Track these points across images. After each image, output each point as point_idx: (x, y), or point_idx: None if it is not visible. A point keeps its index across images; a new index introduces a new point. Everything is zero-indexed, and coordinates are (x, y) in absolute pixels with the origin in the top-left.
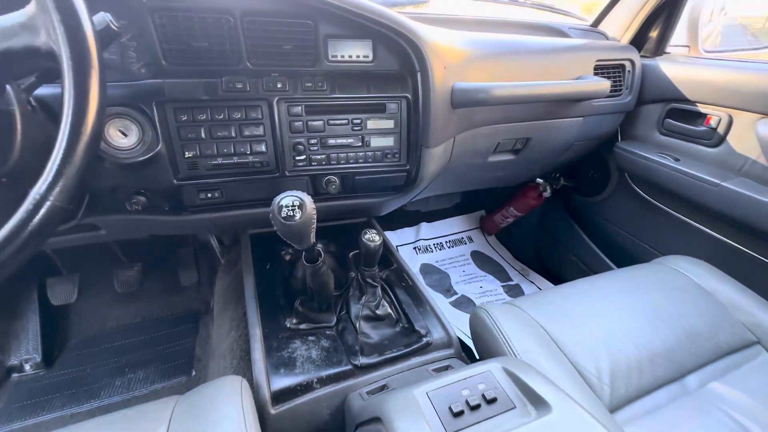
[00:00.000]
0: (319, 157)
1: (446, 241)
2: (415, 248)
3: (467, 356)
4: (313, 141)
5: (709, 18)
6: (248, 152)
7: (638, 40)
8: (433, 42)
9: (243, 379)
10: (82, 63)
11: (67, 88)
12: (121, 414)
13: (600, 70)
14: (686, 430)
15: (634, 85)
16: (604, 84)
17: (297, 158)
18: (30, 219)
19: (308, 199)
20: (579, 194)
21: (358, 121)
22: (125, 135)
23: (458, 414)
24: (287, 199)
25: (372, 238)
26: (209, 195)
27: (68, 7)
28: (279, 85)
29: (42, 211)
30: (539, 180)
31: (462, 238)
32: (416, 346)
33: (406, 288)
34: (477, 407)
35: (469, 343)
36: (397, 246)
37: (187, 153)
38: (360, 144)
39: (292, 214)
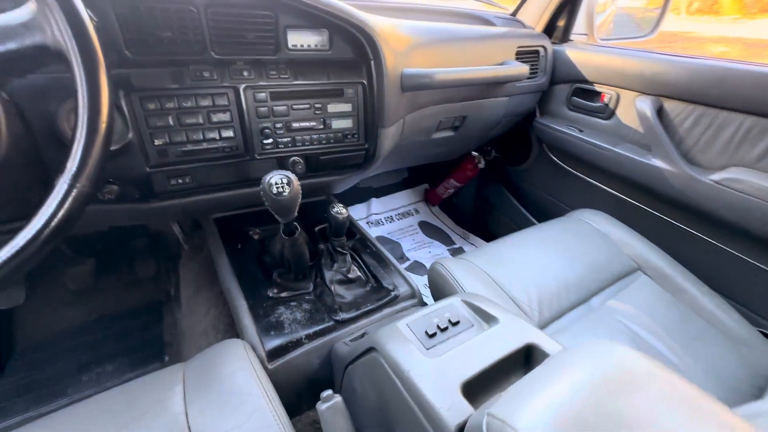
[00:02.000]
0: (285, 140)
1: (396, 214)
2: (367, 222)
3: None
4: (279, 125)
5: (603, 8)
6: (217, 138)
7: (549, 29)
8: (382, 31)
9: (242, 341)
10: (90, 59)
11: (79, 84)
12: (128, 385)
13: (521, 55)
14: (593, 336)
15: (547, 69)
16: (524, 68)
17: (264, 142)
18: (61, 205)
19: (294, 177)
20: (508, 164)
21: (320, 105)
22: None
23: (432, 335)
24: (276, 177)
25: (340, 211)
26: (180, 181)
27: (71, 5)
28: (245, 74)
29: (72, 197)
30: (474, 153)
31: (409, 210)
32: (387, 299)
33: (371, 253)
34: (445, 329)
35: (426, 296)
36: None
37: (156, 141)
38: (322, 126)
39: (282, 190)
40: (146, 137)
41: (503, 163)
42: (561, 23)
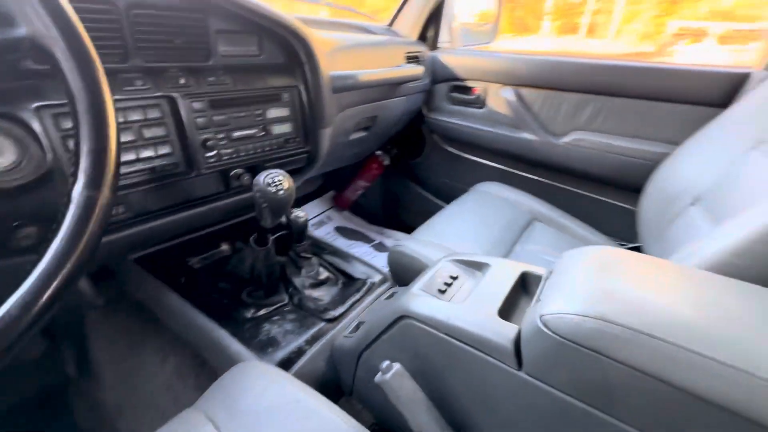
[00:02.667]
0: (228, 150)
1: (311, 224)
2: None
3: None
4: (220, 135)
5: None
6: (154, 155)
7: (423, 37)
8: (311, 34)
9: (249, 361)
10: (83, 54)
11: (74, 85)
12: None
13: (409, 60)
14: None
15: (429, 71)
16: (420, 69)
17: (207, 155)
18: (87, 218)
19: (285, 173)
20: (409, 158)
21: (259, 111)
22: None
23: (444, 291)
24: (270, 176)
25: (299, 214)
26: (112, 212)
27: None
28: (182, 81)
29: (99, 209)
30: (378, 152)
31: (322, 219)
32: (365, 288)
33: (330, 252)
34: (451, 284)
35: None
36: None
37: None
38: (263, 133)
39: (280, 187)
40: (65, 162)
41: (404, 158)
42: (431, 33)
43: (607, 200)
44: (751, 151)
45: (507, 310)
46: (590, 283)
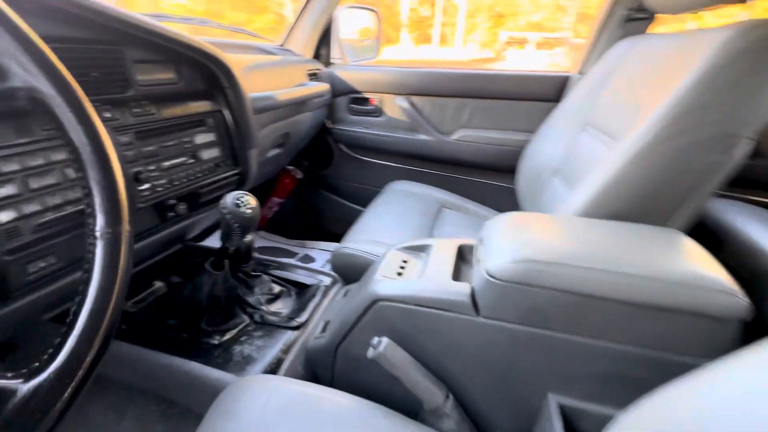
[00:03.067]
0: (161, 181)
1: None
2: None
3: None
4: (151, 167)
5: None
6: (84, 197)
7: (317, 55)
8: (231, 60)
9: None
10: (73, 96)
11: (70, 126)
12: None
13: (309, 77)
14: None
15: (330, 85)
16: (326, 86)
17: (141, 188)
18: (115, 260)
19: (250, 194)
20: (320, 169)
21: (187, 138)
22: None
23: (400, 273)
24: (237, 197)
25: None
26: (42, 264)
27: (26, 37)
28: (107, 115)
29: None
30: (289, 167)
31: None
32: (320, 293)
33: (275, 267)
34: (404, 267)
35: None
36: None
37: (1, 217)
38: (193, 160)
39: (248, 206)
40: None
41: (316, 170)
42: (324, 51)
43: (493, 182)
44: (581, 133)
45: (456, 276)
46: (513, 239)
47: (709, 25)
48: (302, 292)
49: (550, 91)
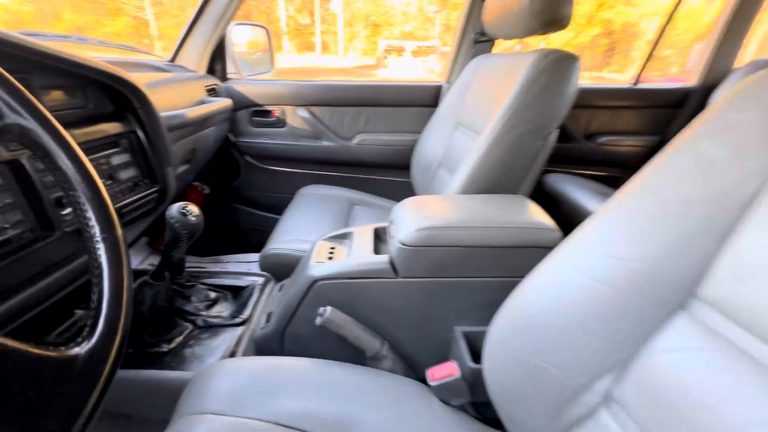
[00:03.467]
0: None
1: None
2: None
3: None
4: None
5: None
6: (8, 226)
7: (211, 71)
8: (140, 81)
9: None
10: (53, 128)
11: (56, 154)
12: None
13: (208, 93)
14: None
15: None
16: (229, 101)
17: (62, 213)
18: (119, 256)
19: (191, 203)
20: (228, 182)
21: (104, 160)
22: None
23: (331, 258)
24: (181, 207)
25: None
26: None
27: (8, 80)
28: None
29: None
30: (195, 183)
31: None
32: (257, 291)
33: (207, 276)
34: (332, 253)
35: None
36: None
37: None
38: (111, 181)
39: (193, 213)
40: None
41: (224, 184)
42: (218, 66)
43: (392, 178)
44: (454, 131)
45: (377, 251)
46: (415, 215)
47: (532, 46)
48: (238, 293)
49: (428, 98)
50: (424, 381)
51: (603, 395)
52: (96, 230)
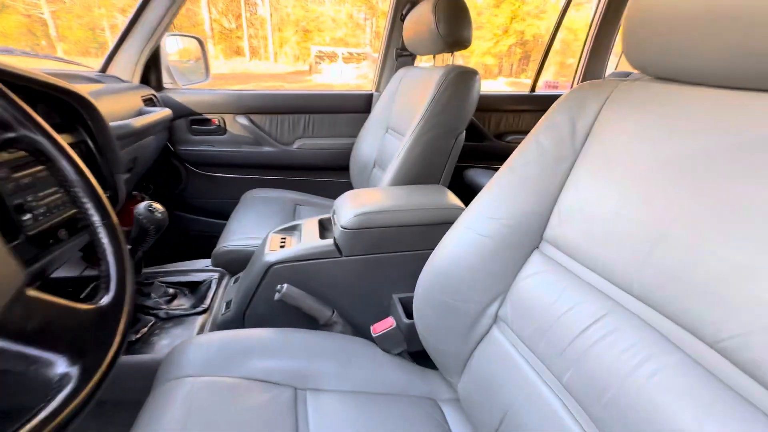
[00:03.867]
0: (41, 210)
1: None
2: None
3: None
4: (29, 197)
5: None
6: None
7: (145, 81)
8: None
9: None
10: (62, 148)
11: (58, 160)
12: None
13: (145, 103)
14: None
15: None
16: (168, 111)
17: (24, 219)
18: (116, 235)
19: (155, 202)
20: (170, 189)
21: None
22: None
23: (283, 246)
24: (147, 205)
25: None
26: None
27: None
28: None
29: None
30: (135, 192)
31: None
32: (213, 284)
33: (163, 275)
34: (284, 242)
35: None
36: None
37: None
38: (64, 190)
39: (158, 210)
40: None
41: (165, 192)
42: (153, 76)
43: (332, 179)
44: (385, 134)
45: (322, 237)
46: (353, 204)
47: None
48: (196, 288)
49: (361, 105)
50: (370, 340)
51: (493, 317)
52: (96, 218)
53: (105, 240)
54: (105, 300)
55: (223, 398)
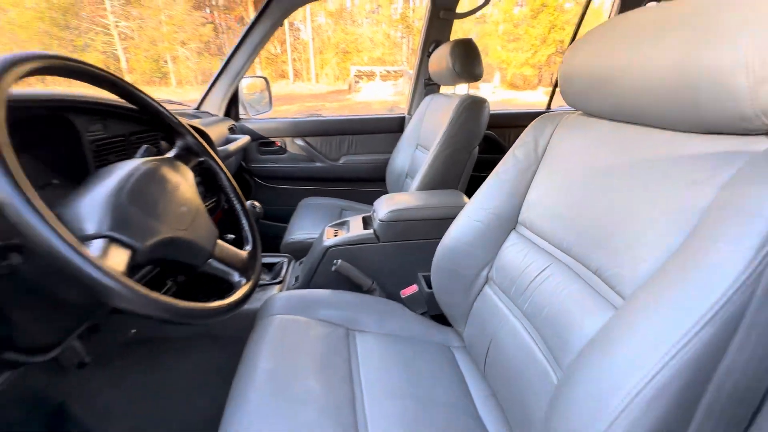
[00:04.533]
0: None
1: None
2: None
3: None
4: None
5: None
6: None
7: (228, 113)
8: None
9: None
10: (218, 164)
11: (221, 175)
12: None
13: (230, 131)
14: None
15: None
16: (248, 137)
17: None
18: (248, 215)
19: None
20: None
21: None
22: None
23: (335, 235)
24: (252, 204)
25: None
26: None
27: (198, 142)
28: None
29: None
30: None
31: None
32: (285, 266)
33: None
34: (336, 233)
35: None
36: None
37: None
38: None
39: (258, 206)
40: None
41: None
42: (233, 110)
43: (371, 189)
44: (415, 150)
45: (365, 228)
46: (388, 204)
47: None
48: (271, 267)
49: (396, 126)
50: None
51: (485, 278)
52: (239, 206)
53: (244, 220)
54: (248, 248)
55: (301, 329)
